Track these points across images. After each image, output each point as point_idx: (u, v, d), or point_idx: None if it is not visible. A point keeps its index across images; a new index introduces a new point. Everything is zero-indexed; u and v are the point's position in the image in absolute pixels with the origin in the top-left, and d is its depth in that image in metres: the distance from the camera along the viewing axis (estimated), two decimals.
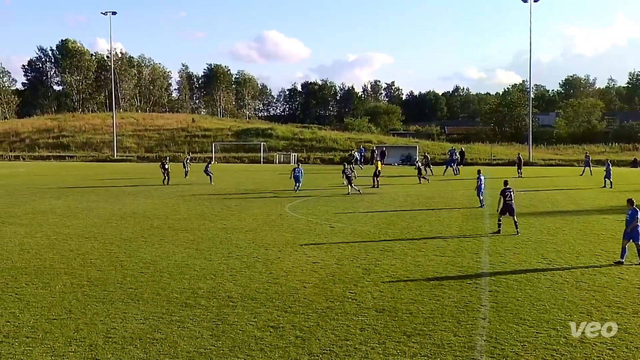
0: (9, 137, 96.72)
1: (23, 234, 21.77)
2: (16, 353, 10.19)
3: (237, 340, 10.85)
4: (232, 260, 17.39)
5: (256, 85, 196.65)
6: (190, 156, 54.03)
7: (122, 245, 19.63)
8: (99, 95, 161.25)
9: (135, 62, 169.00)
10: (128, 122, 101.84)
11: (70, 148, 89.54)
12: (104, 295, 13.66)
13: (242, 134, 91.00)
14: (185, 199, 32.57)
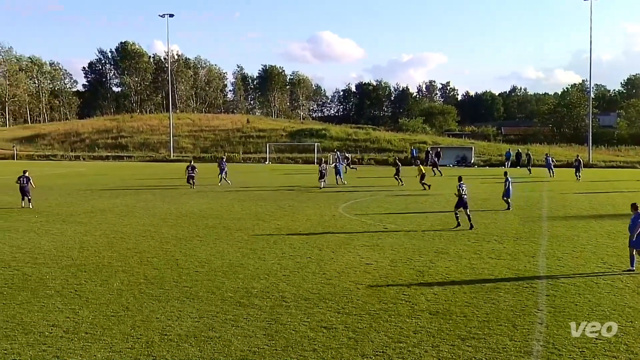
0: (69, 137, 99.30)
1: (83, 232, 22.30)
2: (75, 348, 10.43)
3: (290, 340, 10.88)
4: (285, 260, 17.46)
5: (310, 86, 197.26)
6: (226, 156, 53.97)
7: (178, 244, 19.92)
8: (156, 96, 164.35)
9: (191, 64, 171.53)
10: (184, 122, 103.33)
11: (128, 148, 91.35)
12: (160, 293, 13.88)
13: (296, 135, 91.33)
14: (240, 199, 32.87)
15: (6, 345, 10.54)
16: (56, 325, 11.57)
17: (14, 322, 11.74)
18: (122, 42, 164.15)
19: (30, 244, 19.88)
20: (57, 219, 25.62)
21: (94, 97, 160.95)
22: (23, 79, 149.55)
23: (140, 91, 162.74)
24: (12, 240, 20.43)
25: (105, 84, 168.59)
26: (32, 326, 11.53)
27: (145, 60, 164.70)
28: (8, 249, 18.91)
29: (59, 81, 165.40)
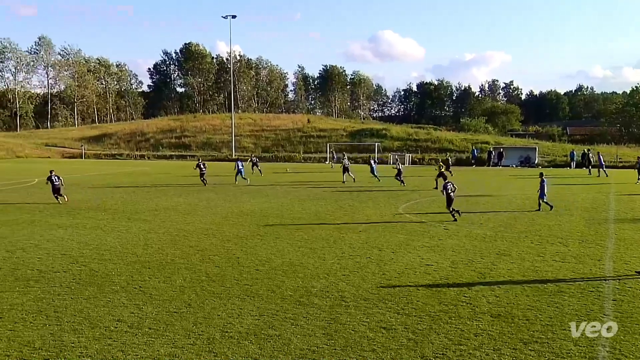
0: (135, 137, 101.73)
1: (147, 229, 22.79)
2: (139, 343, 10.66)
3: (349, 340, 10.87)
4: (345, 260, 17.46)
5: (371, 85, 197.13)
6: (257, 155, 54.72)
7: (239, 242, 20.15)
8: (218, 96, 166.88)
9: (253, 64, 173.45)
10: (246, 122, 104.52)
11: (191, 148, 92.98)
12: (221, 290, 14.07)
13: (356, 135, 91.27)
14: (300, 199, 33.04)
15: (73, 338, 10.85)
16: (121, 320, 11.85)
17: (81, 316, 12.08)
18: (186, 43, 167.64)
19: (97, 240, 20.43)
20: (123, 216, 26.25)
21: (159, 98, 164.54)
22: (91, 80, 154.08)
23: (203, 91, 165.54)
24: (80, 237, 21.03)
25: (170, 84, 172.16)
26: (98, 320, 11.84)
27: (208, 61, 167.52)
28: (76, 245, 19.47)
29: (125, 82, 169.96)
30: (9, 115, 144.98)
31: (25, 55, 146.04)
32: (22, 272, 15.90)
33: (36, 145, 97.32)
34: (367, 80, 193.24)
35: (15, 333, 11.13)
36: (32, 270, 16.04)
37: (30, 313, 12.31)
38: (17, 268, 16.31)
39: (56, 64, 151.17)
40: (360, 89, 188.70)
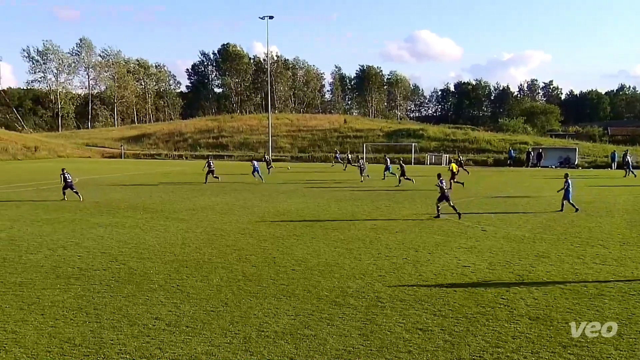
0: (173, 137, 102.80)
1: (185, 229, 23.02)
2: (177, 341, 10.78)
3: (385, 340, 10.84)
4: (381, 260, 17.42)
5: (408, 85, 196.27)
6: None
7: (275, 242, 20.23)
8: (255, 96, 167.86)
9: (290, 65, 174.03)
10: (283, 122, 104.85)
11: (228, 148, 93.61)
12: (257, 290, 14.14)
13: (393, 135, 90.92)
14: (337, 199, 33.04)
15: (112, 335, 11.01)
16: (159, 318, 11.99)
17: (120, 314, 12.25)
18: (223, 44, 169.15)
19: (136, 239, 20.70)
20: (161, 215, 26.56)
21: (197, 98, 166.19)
22: (130, 80, 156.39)
23: (241, 92, 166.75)
24: (119, 236, 21.34)
25: (207, 85, 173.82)
26: (136, 318, 12.00)
27: (246, 61, 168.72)
28: (115, 244, 19.76)
29: (163, 83, 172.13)
30: (51, 115, 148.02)
31: (67, 57, 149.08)
32: (63, 269, 16.20)
33: (77, 145, 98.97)
34: (404, 80, 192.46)
35: (56, 329, 11.34)
36: (72, 268, 16.33)
37: (71, 310, 12.53)
38: (59, 266, 16.62)
39: (97, 65, 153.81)
40: (397, 89, 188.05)
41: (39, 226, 23.50)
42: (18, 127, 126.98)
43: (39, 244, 19.80)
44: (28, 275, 15.51)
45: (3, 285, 14.49)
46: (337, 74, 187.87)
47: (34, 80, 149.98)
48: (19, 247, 19.15)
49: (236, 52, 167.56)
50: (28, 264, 16.90)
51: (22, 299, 13.37)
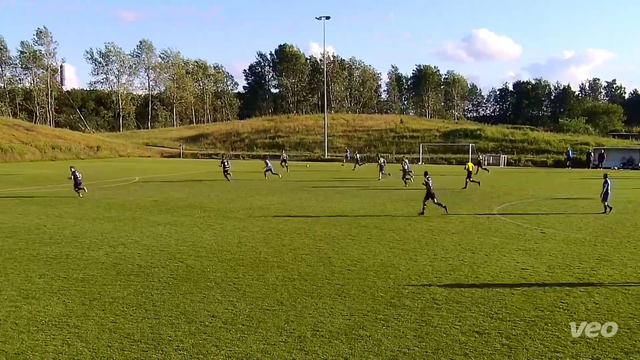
0: (230, 137, 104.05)
1: (241, 227, 23.25)
2: (233, 339, 10.89)
3: (440, 343, 10.73)
4: (437, 262, 17.26)
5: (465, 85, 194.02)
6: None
7: (331, 242, 20.25)
8: (312, 97, 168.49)
9: (346, 65, 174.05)
10: (338, 123, 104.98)
11: (284, 148, 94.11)
12: (312, 289, 14.18)
13: (450, 135, 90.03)
14: (392, 200, 32.90)
15: (170, 332, 11.20)
16: (215, 316, 12.14)
17: (178, 311, 12.45)
18: (280, 44, 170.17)
19: (194, 237, 21.01)
20: (218, 214, 26.89)
21: (254, 99, 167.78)
22: (189, 81, 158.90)
23: (297, 92, 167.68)
24: (178, 234, 21.70)
25: (264, 85, 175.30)
26: (193, 315, 12.18)
27: (302, 62, 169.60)
28: (174, 242, 20.10)
29: (221, 83, 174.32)
30: (112, 116, 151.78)
31: (128, 59, 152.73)
32: (123, 266, 16.57)
33: (137, 145, 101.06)
34: (462, 80, 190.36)
35: (116, 325, 11.59)
36: (132, 265, 16.68)
37: (131, 306, 12.79)
38: (119, 263, 17.00)
39: (156, 67, 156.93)
40: (454, 89, 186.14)
41: (101, 224, 24.10)
42: (81, 127, 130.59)
43: (100, 241, 20.30)
44: (90, 272, 15.92)
45: (66, 281, 14.92)
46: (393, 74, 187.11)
47: (96, 82, 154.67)
48: (81, 244, 19.68)
49: (293, 52, 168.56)
50: (90, 260, 17.35)
51: (84, 294, 13.73)
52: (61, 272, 15.88)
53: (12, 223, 24.16)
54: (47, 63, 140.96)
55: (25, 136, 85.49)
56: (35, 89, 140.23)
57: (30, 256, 17.84)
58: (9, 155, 74.83)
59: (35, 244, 19.69)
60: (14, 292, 13.91)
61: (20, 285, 14.54)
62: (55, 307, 12.75)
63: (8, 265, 16.57)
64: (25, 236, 21.22)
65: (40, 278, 15.22)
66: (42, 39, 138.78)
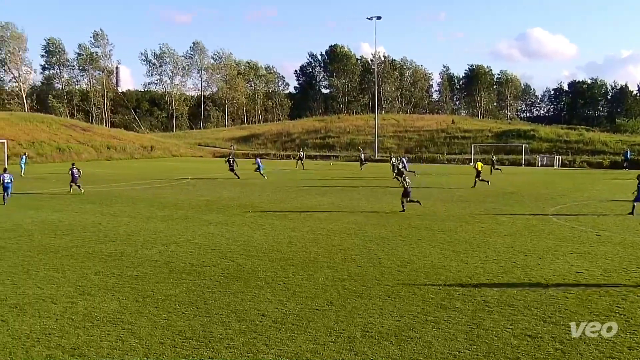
0: (281, 137, 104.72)
1: (291, 227, 23.36)
2: (283, 338, 10.94)
3: (492, 346, 10.59)
4: (489, 264, 17.03)
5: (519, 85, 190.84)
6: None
7: (381, 243, 20.18)
8: (362, 97, 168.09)
9: (397, 65, 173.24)
10: (389, 123, 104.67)
11: (334, 148, 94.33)
12: (362, 290, 14.15)
13: (502, 136, 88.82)
14: (443, 201, 32.62)
15: (221, 330, 11.32)
16: (266, 315, 12.22)
17: (229, 309, 12.58)
18: (331, 45, 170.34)
19: (245, 237, 21.20)
20: (269, 214, 27.08)
21: (304, 99, 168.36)
22: (241, 82, 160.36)
23: (348, 92, 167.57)
24: (229, 233, 21.93)
25: (315, 86, 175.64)
26: (244, 314, 12.28)
27: (353, 62, 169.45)
28: (225, 241, 20.32)
29: (272, 84, 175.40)
30: (166, 116, 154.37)
31: (181, 60, 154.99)
32: (175, 264, 16.82)
33: (190, 145, 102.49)
34: (515, 80, 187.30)
35: (169, 322, 11.78)
36: (184, 264, 16.92)
37: (183, 304, 12.98)
38: (172, 261, 17.27)
39: (209, 68, 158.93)
40: (507, 89, 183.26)
41: (154, 222, 24.52)
42: (136, 127, 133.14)
43: (153, 239, 20.66)
44: (143, 269, 16.21)
45: (121, 278, 15.23)
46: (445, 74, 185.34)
47: (150, 83, 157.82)
48: (135, 242, 20.06)
49: (344, 53, 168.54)
50: (143, 258, 17.67)
51: (138, 291, 13.99)
52: (116, 269, 16.22)
53: (69, 221, 24.79)
54: (103, 65, 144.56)
55: (82, 136, 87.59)
56: (92, 90, 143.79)
57: (86, 253, 18.28)
58: (67, 155, 76.74)
59: (91, 242, 20.16)
60: (71, 288, 14.27)
61: (77, 281, 14.91)
62: (109, 303, 13.03)
63: (65, 263, 17.01)
64: (82, 234, 21.75)
65: (96, 275, 15.58)
66: (98, 41, 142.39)
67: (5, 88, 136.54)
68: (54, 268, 16.36)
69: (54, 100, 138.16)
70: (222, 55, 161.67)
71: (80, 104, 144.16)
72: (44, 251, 18.60)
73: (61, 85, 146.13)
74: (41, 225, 23.78)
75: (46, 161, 72.11)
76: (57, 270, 16.13)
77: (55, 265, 16.73)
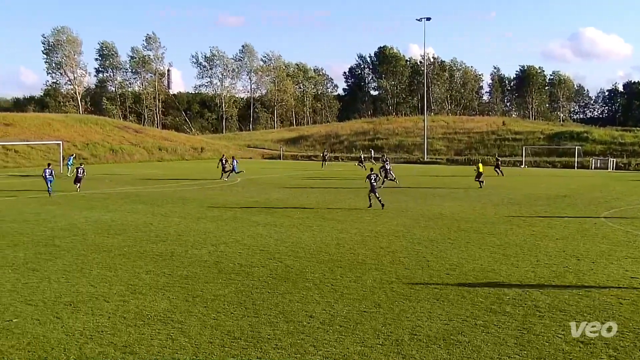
0: (329, 139, 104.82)
1: (339, 229, 23.36)
2: (330, 340, 10.94)
3: (543, 352, 10.39)
4: (540, 268, 16.74)
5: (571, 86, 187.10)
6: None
7: (429, 245, 20.03)
8: (411, 99, 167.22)
9: (447, 66, 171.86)
10: (438, 125, 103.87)
11: (383, 150, 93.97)
12: (410, 292, 14.06)
13: (554, 138, 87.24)
14: (494, 203, 32.19)
15: (269, 330, 11.39)
16: (313, 316, 12.24)
17: (277, 310, 12.64)
18: (380, 46, 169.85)
19: (293, 238, 21.29)
20: (317, 215, 27.14)
21: (353, 101, 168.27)
22: (290, 84, 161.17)
23: (396, 94, 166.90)
24: (277, 234, 22.05)
25: (364, 87, 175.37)
26: (292, 315, 12.33)
27: (402, 63, 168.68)
28: (273, 242, 20.44)
29: (321, 86, 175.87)
30: (216, 118, 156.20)
31: (231, 62, 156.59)
32: (224, 265, 16.99)
33: (239, 146, 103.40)
34: (567, 81, 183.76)
35: (217, 322, 11.90)
36: (233, 264, 17.08)
37: (231, 304, 13.10)
38: (221, 261, 17.46)
39: (258, 70, 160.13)
40: (559, 90, 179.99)
41: (204, 223, 24.82)
42: (186, 129, 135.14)
43: (203, 240, 20.92)
44: (193, 269, 16.42)
45: (171, 278, 15.45)
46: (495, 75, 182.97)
47: (201, 85, 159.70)
48: (185, 243, 20.34)
49: (393, 54, 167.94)
50: (193, 258, 17.90)
51: (188, 291, 14.17)
52: (166, 269, 16.47)
53: (121, 221, 25.28)
54: (155, 67, 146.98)
55: (135, 138, 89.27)
56: (144, 92, 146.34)
57: (137, 253, 18.61)
58: (119, 156, 78.42)
59: (143, 242, 20.53)
60: (123, 287, 14.54)
61: (128, 280, 15.19)
62: (160, 302, 13.23)
63: (117, 262, 17.35)
64: (134, 234, 22.16)
65: (147, 274, 15.85)
66: (151, 44, 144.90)
67: (61, 90, 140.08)
68: (107, 267, 16.71)
69: (108, 103, 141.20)
70: (271, 58, 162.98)
71: (133, 106, 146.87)
72: (97, 250, 19.02)
73: (114, 87, 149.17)
74: (95, 224, 24.32)
75: (99, 162, 73.72)
76: (110, 269, 16.47)
77: (108, 264, 17.08)
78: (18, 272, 16.04)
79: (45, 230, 22.88)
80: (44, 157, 64.50)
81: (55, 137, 73.36)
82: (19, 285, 14.71)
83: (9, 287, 14.48)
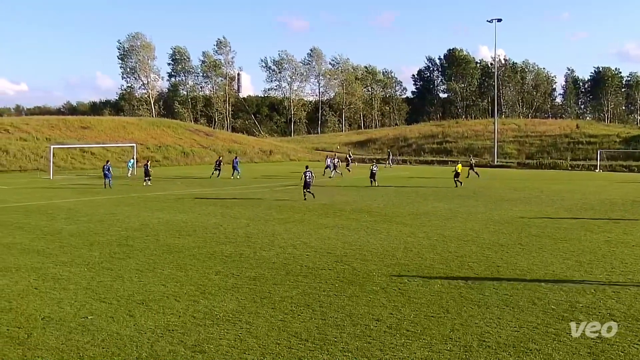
0: (398, 142, 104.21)
1: (407, 233, 23.21)
2: (397, 344, 10.88)
3: None
4: (615, 276, 16.21)
5: None
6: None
7: (499, 250, 19.68)
8: (481, 101, 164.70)
9: (518, 68, 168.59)
10: (509, 128, 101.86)
11: (452, 153, 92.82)
12: (479, 298, 13.84)
13: (631, 141, 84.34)
14: (567, 209, 31.38)
15: (336, 333, 11.40)
16: (380, 320, 12.20)
17: (343, 313, 12.65)
18: (449, 49, 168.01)
19: (360, 241, 21.27)
20: (385, 219, 27.03)
21: (422, 104, 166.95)
22: (358, 87, 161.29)
23: (466, 97, 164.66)
24: (344, 237, 22.07)
25: (433, 90, 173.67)
26: (358, 318, 12.31)
27: (472, 66, 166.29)
28: (340, 245, 20.47)
29: (390, 88, 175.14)
30: (284, 121, 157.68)
31: (299, 66, 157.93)
32: (292, 267, 17.12)
33: (307, 149, 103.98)
34: None
35: (285, 324, 11.99)
36: (301, 266, 17.19)
37: (299, 306, 13.18)
38: (288, 263, 17.59)
39: (326, 73, 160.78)
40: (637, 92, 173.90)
41: (272, 225, 25.06)
42: (256, 132, 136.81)
43: (271, 242, 21.13)
44: (261, 271, 16.60)
45: (239, 279, 15.67)
46: (569, 77, 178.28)
47: (270, 89, 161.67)
48: (254, 244, 20.59)
49: (462, 56, 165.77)
50: (261, 260, 18.10)
51: (256, 292, 14.34)
52: (235, 270, 16.70)
53: (192, 222, 25.78)
54: (226, 72, 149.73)
55: (205, 140, 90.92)
56: (214, 96, 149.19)
57: (207, 254, 18.95)
58: (190, 159, 79.99)
59: (212, 243, 20.88)
60: (193, 287, 14.83)
61: (198, 281, 15.48)
62: (229, 303, 13.43)
63: (188, 262, 17.70)
64: (204, 235, 22.57)
65: (216, 275, 16.12)
66: (221, 48, 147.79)
67: (135, 94, 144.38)
68: (178, 267, 17.07)
69: (179, 106, 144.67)
70: (339, 61, 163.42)
71: (204, 109, 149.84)
72: (169, 251, 19.45)
73: (186, 91, 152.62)
74: (166, 225, 24.89)
75: (171, 164, 75.38)
76: (181, 269, 16.82)
77: (179, 264, 17.45)
78: (93, 271, 16.57)
79: (119, 230, 23.57)
80: (118, 159, 66.39)
81: (130, 140, 75.67)
82: (94, 283, 15.20)
83: (84, 285, 14.98)
